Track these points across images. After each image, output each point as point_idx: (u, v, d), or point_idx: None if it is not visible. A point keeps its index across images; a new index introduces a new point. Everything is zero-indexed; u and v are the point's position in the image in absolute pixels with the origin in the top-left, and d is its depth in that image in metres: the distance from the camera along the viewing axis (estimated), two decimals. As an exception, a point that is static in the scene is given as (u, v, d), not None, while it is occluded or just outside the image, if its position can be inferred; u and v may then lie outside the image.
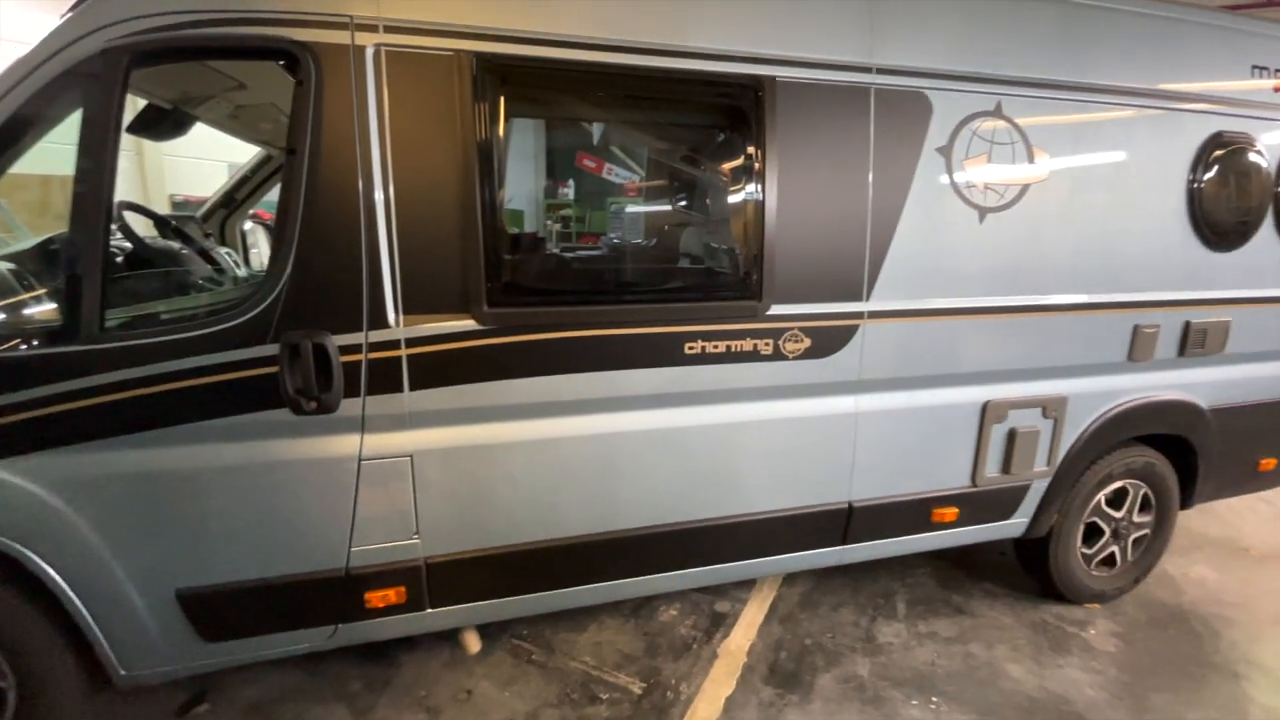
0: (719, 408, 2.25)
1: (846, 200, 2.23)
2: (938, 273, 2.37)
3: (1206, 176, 2.65)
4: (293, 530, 1.92)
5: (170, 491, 1.82)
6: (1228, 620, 3.02)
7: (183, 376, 1.76)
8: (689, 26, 2.01)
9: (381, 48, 1.77)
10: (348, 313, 1.82)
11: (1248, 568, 3.51)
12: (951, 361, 2.47)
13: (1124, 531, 3.03)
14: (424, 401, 1.93)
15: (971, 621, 2.96)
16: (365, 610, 2.04)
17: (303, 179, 1.76)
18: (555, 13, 1.89)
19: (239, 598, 1.92)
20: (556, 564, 2.21)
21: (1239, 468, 3.14)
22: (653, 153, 2.96)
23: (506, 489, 2.09)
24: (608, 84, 2.03)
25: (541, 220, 4.03)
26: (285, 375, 1.77)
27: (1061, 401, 2.65)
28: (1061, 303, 2.55)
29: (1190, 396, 2.86)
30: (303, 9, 1.73)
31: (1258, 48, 2.75)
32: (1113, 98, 2.50)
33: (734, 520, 2.35)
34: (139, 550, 1.82)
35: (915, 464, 2.54)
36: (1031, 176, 2.42)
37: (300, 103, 1.75)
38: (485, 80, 1.84)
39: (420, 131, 1.83)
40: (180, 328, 1.80)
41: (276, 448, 1.87)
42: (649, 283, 2.44)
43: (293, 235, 1.77)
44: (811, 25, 2.14)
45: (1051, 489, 2.76)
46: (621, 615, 2.92)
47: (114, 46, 1.66)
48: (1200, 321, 2.76)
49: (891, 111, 2.23)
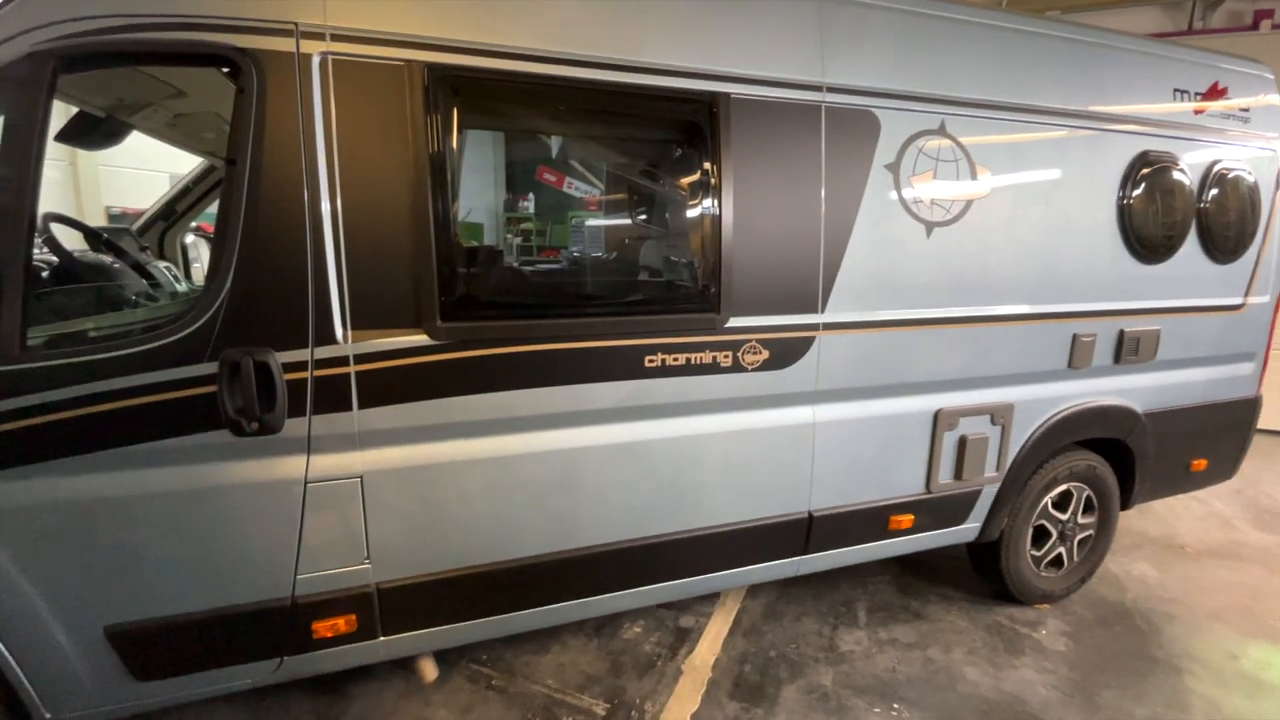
0: (679, 420, 2.24)
1: (801, 215, 2.27)
2: (889, 285, 2.43)
3: (1135, 193, 2.80)
4: (233, 559, 1.82)
5: (99, 521, 1.70)
6: (1168, 616, 3.15)
7: (112, 398, 1.66)
8: (645, 42, 2.03)
9: (329, 56, 1.72)
10: (292, 328, 1.75)
11: (1185, 564, 3.68)
12: (904, 371, 2.53)
13: (1070, 533, 3.14)
14: (374, 420, 1.87)
15: (929, 626, 3.02)
16: (313, 641, 1.95)
17: (244, 189, 1.69)
18: (510, 25, 1.88)
19: (175, 632, 1.80)
20: (516, 585, 2.16)
21: (1173, 468, 3.30)
22: (611, 166, 2.97)
23: (462, 509, 2.03)
24: (564, 97, 2.01)
25: (499, 232, 3.99)
26: (224, 395, 1.69)
27: (1008, 408, 2.74)
28: (1006, 313, 2.64)
29: (1127, 402, 3.00)
30: (244, 15, 1.67)
31: (1178, 72, 2.93)
32: (1048, 118, 2.62)
33: (697, 534, 2.34)
34: (64, 584, 1.70)
35: (872, 472, 2.59)
36: (975, 193, 2.52)
37: (241, 111, 1.69)
38: (437, 91, 1.81)
39: (369, 142, 1.78)
40: (110, 346, 1.69)
41: (215, 472, 1.77)
42: (609, 295, 2.43)
43: (233, 248, 1.70)
44: (765, 44, 2.18)
45: (1001, 493, 2.85)
46: (584, 634, 2.87)
47: (40, 50, 1.58)
48: (1133, 330, 2.90)
49: (842, 129, 2.29)
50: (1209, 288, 3.09)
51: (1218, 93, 3.03)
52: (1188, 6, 6.25)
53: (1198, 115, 2.99)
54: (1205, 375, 3.21)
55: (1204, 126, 3.00)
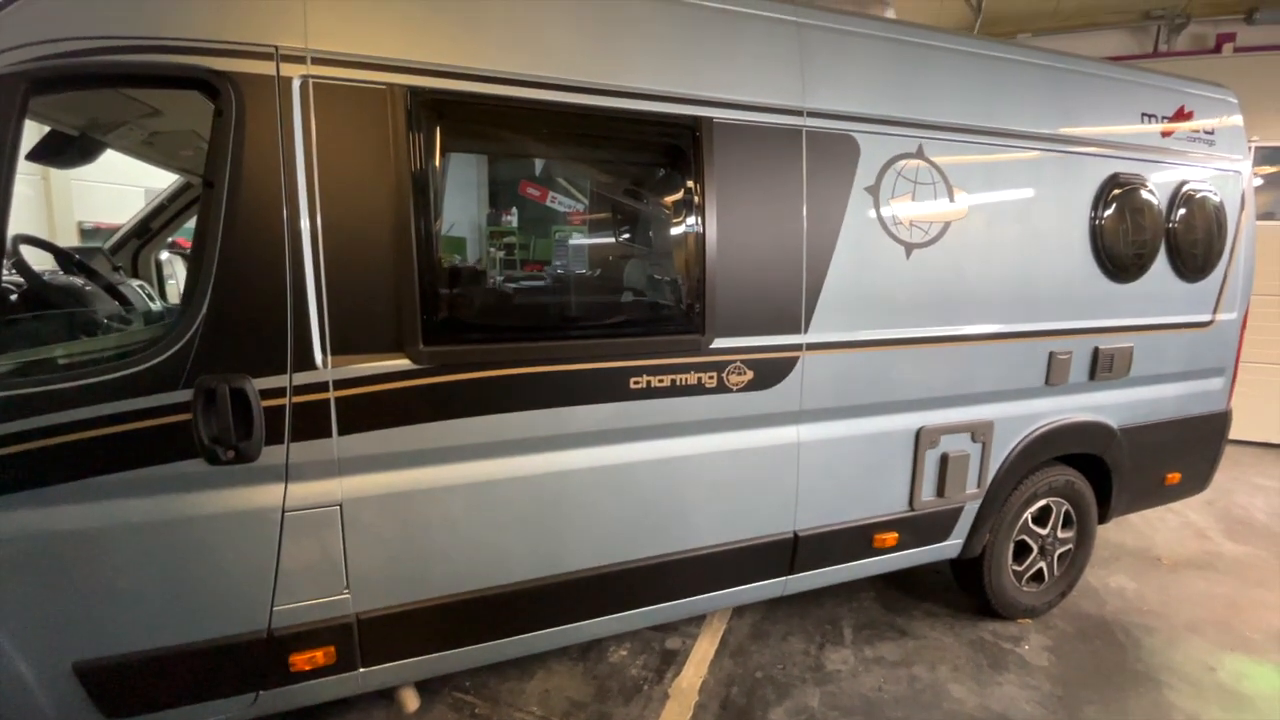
0: (665, 442, 2.23)
1: (783, 237, 2.29)
2: (871, 306, 2.46)
3: (1106, 214, 2.87)
4: (208, 591, 1.77)
5: (67, 553, 1.65)
6: (1147, 629, 3.19)
7: (83, 427, 1.61)
8: (628, 67, 2.04)
9: (309, 79, 1.71)
10: (270, 354, 1.72)
11: (1161, 576, 3.73)
12: (886, 390, 2.55)
13: (1050, 548, 3.18)
14: (355, 447, 1.84)
15: (915, 643, 3.02)
16: (290, 674, 1.89)
17: (221, 212, 1.66)
18: (493, 50, 1.88)
19: (146, 668, 1.74)
20: (500, 612, 2.12)
21: (1148, 482, 3.36)
22: (595, 189, 2.97)
23: (445, 535, 1.99)
24: (547, 121, 2.02)
25: (481, 252, 3.96)
26: (199, 423, 1.65)
27: (988, 426, 2.77)
28: (984, 332, 2.68)
29: (1102, 417, 3.06)
30: (223, 37, 1.65)
31: (1146, 96, 3.02)
32: (1021, 141, 2.69)
33: (684, 555, 2.33)
34: (30, 619, 1.64)
35: (856, 491, 2.60)
36: (952, 214, 2.56)
37: (219, 134, 1.67)
38: (420, 115, 1.80)
39: (350, 166, 1.76)
40: (81, 373, 1.64)
41: (189, 502, 1.72)
42: (594, 317, 2.42)
43: (209, 272, 1.66)
44: (747, 69, 2.21)
45: (983, 510, 2.88)
46: (570, 659, 2.83)
47: (11, 72, 1.54)
48: (1107, 347, 2.96)
49: (822, 152, 2.32)
50: (1179, 305, 3.17)
51: (1184, 116, 3.13)
52: (1153, 30, 6.46)
53: (1165, 138, 3.08)
54: (1177, 391, 3.29)
55: (1171, 149, 3.10)
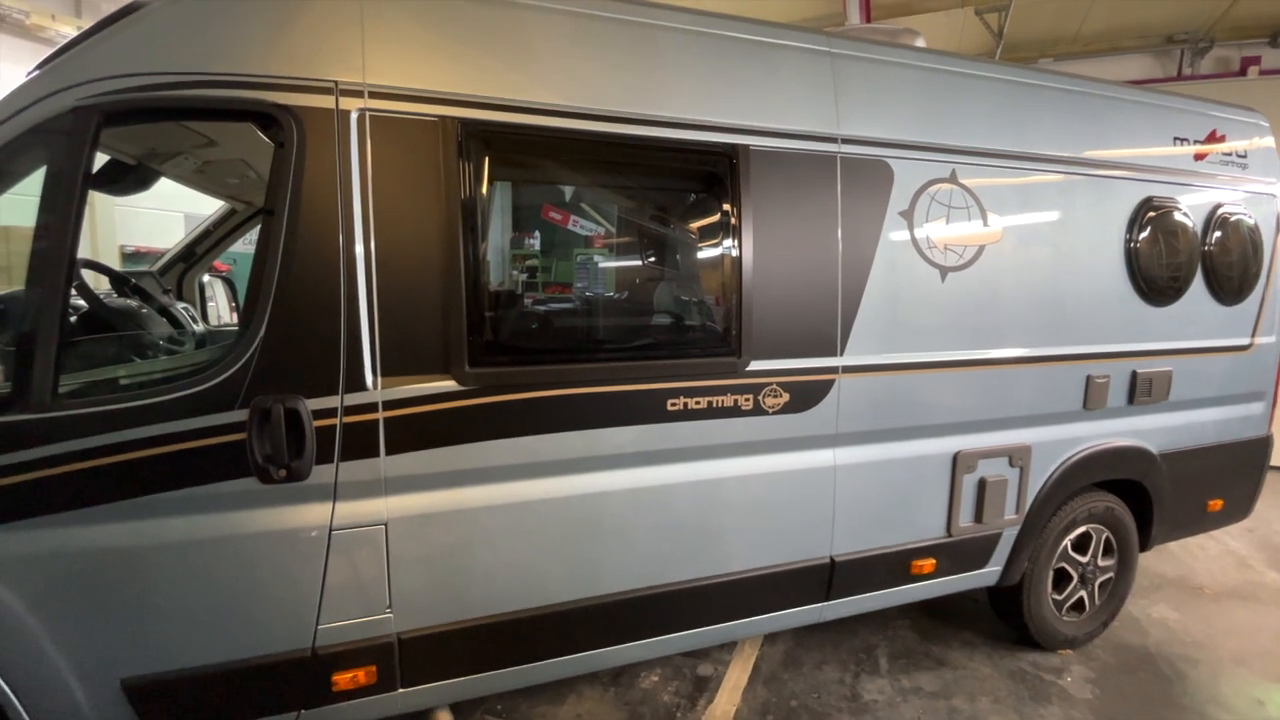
0: (701, 464, 2.24)
1: (818, 261, 2.31)
2: (906, 328, 2.46)
3: (1141, 237, 2.86)
4: (256, 609, 1.79)
5: (120, 570, 1.68)
6: (1192, 661, 3.10)
7: (140, 446, 1.66)
8: (667, 97, 2.10)
9: (366, 112, 1.78)
10: (323, 375, 1.76)
11: (1205, 606, 3.63)
12: (923, 413, 2.54)
13: (1090, 576, 3.11)
14: (401, 466, 1.87)
15: (953, 674, 2.95)
16: (332, 693, 1.90)
17: (280, 240, 1.73)
18: (539, 83, 1.95)
19: (193, 686, 1.76)
20: (536, 634, 2.12)
21: (1189, 509, 3.28)
22: (634, 214, 3.03)
23: (485, 555, 2.01)
24: (590, 150, 2.08)
25: (523, 277, 4.04)
26: (254, 442, 1.69)
27: (1026, 450, 2.74)
28: (1021, 355, 2.67)
29: (1142, 442, 3.01)
30: (286, 73, 1.73)
31: (1177, 120, 3.03)
32: (1053, 165, 2.70)
33: (720, 580, 2.31)
34: (82, 635, 1.67)
35: (894, 516, 2.57)
36: (987, 237, 2.57)
37: (280, 165, 1.73)
38: (470, 145, 1.86)
39: (402, 194, 1.83)
40: (141, 393, 1.70)
41: (241, 520, 1.76)
42: (632, 340, 2.45)
43: (268, 296, 1.72)
44: (782, 98, 2.26)
45: (1021, 536, 2.83)
46: (601, 684, 2.80)
47: (85, 105, 1.63)
48: (1146, 371, 2.92)
49: (857, 178, 2.35)
50: (1217, 328, 3.12)
51: (1216, 139, 3.13)
52: (1176, 54, 6.47)
53: (1198, 161, 3.08)
54: (1217, 415, 3.23)
55: (1203, 172, 3.09)
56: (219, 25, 1.71)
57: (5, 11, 7.10)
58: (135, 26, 1.69)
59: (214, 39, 1.70)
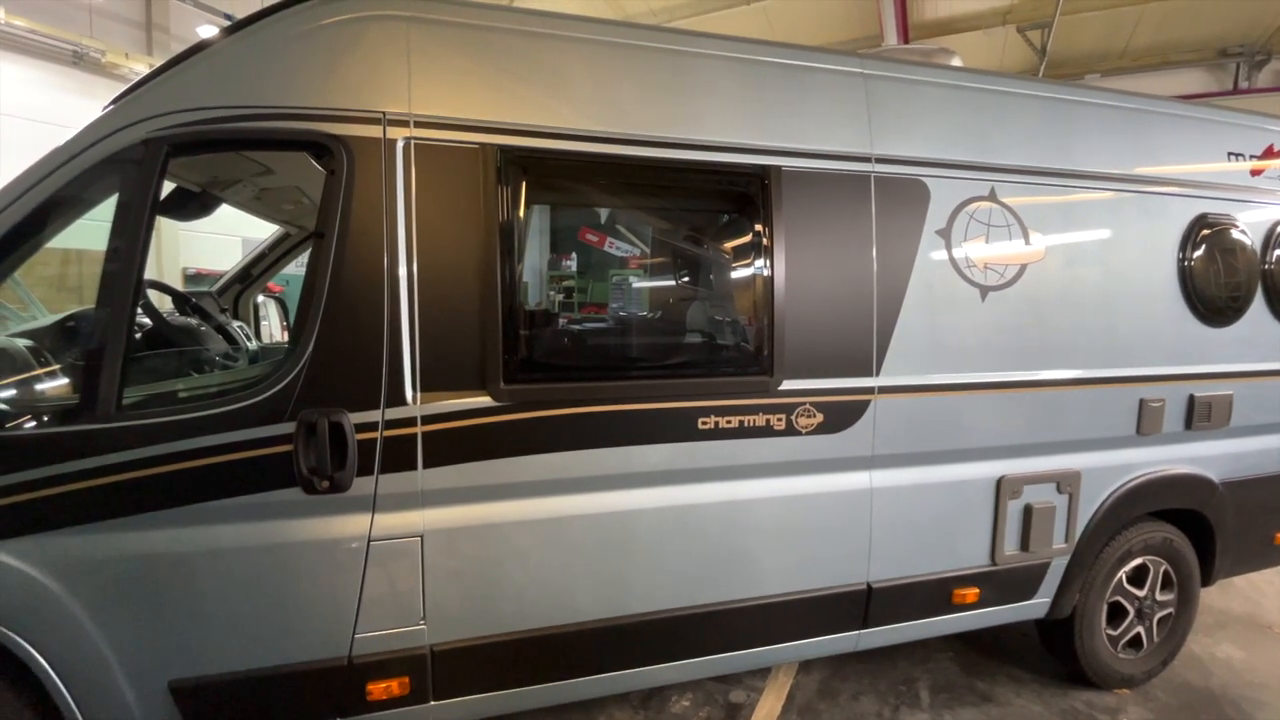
0: (732, 484, 2.22)
1: (853, 280, 2.29)
2: (945, 348, 2.41)
3: (1195, 255, 2.75)
4: (297, 616, 1.85)
5: (171, 575, 1.77)
6: (1259, 703, 2.89)
7: (194, 456, 1.75)
8: (700, 121, 2.14)
9: (411, 141, 1.87)
10: (366, 391, 1.83)
11: (1273, 645, 3.39)
12: (963, 436, 2.47)
13: (1148, 611, 2.94)
14: (437, 480, 1.91)
15: (999, 711, 2.82)
16: (366, 703, 1.94)
17: (329, 261, 1.81)
18: (576, 109, 2.01)
19: (238, 689, 1.82)
20: (566, 652, 2.12)
21: (1255, 542, 3.09)
22: (668, 235, 3.07)
23: (517, 570, 2.03)
24: (625, 174, 2.13)
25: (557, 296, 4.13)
26: (300, 454, 1.76)
27: (1075, 476, 2.63)
28: (1067, 377, 2.58)
29: (1202, 470, 2.85)
30: (338, 105, 1.84)
31: (1232, 135, 2.92)
32: (1098, 182, 2.63)
33: (752, 603, 2.28)
34: (135, 638, 1.75)
35: (933, 542, 2.49)
36: (1029, 256, 2.51)
37: (331, 190, 1.83)
38: (509, 171, 1.93)
39: (444, 217, 1.90)
40: (197, 406, 1.80)
41: (284, 528, 1.83)
42: (664, 358, 2.47)
43: (317, 315, 1.80)
44: (814, 119, 2.27)
45: (1071, 567, 2.70)
46: (631, 706, 2.77)
47: (155, 137, 1.75)
48: (1204, 395, 2.79)
49: (891, 197, 2.34)
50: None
51: (1274, 154, 3.00)
52: (1231, 67, 6.25)
53: (1255, 176, 2.96)
54: (1285, 442, 3.04)
55: (1261, 188, 2.97)
56: (277, 61, 1.83)
57: (83, 50, 7.73)
58: (200, 64, 1.82)
59: (272, 74, 1.82)
